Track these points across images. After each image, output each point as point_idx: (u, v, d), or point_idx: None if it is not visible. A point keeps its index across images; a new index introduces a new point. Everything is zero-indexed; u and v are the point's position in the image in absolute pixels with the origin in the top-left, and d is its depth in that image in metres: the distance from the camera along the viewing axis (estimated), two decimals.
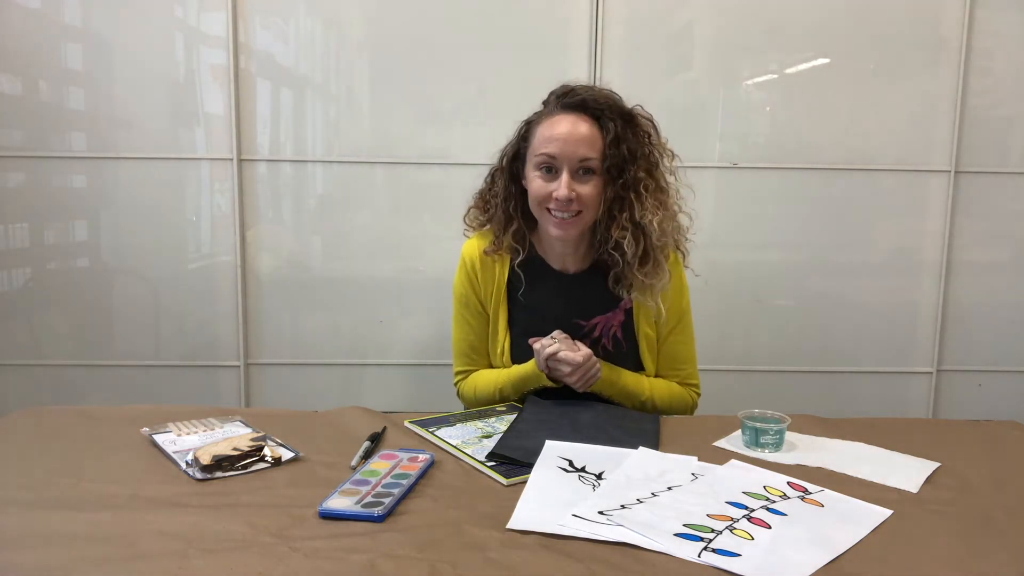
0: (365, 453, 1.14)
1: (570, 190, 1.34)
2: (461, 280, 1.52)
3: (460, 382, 1.56)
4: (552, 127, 1.37)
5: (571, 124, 1.35)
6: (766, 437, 1.18)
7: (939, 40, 2.18)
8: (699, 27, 2.20)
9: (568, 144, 1.34)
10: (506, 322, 1.49)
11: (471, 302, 1.51)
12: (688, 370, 1.52)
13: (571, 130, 1.34)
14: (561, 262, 1.48)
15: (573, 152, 1.34)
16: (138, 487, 1.01)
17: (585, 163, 1.35)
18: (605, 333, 1.46)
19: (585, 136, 1.34)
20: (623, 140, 1.35)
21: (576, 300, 1.46)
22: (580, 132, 1.34)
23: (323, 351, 2.27)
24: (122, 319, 2.24)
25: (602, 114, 1.36)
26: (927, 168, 2.22)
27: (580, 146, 1.34)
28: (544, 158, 1.36)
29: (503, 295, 1.49)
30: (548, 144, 1.35)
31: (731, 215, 2.25)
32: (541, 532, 0.89)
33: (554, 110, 1.39)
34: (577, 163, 1.34)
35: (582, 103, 1.37)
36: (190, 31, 2.14)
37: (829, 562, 0.84)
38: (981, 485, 1.07)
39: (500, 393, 1.46)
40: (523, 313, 1.49)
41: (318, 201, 2.22)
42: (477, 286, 1.51)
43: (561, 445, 1.16)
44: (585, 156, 1.34)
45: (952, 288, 2.28)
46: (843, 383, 2.32)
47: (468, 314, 1.52)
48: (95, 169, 2.16)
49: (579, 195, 1.35)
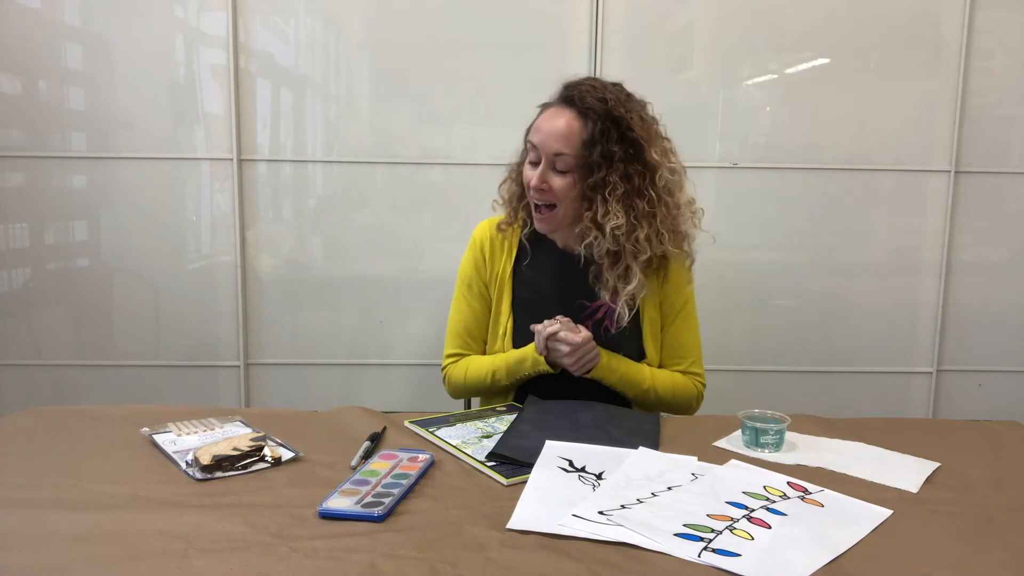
0: (365, 453, 1.14)
1: (540, 180, 1.37)
2: (468, 260, 1.55)
3: (450, 365, 1.55)
4: (543, 117, 1.41)
5: (554, 117, 1.38)
6: (766, 437, 1.18)
7: (939, 40, 2.18)
8: (699, 27, 2.20)
9: (547, 136, 1.37)
10: (509, 304, 1.50)
11: (475, 284, 1.53)
12: (691, 359, 1.52)
13: (551, 123, 1.38)
14: (564, 242, 1.51)
15: (549, 145, 1.37)
16: (138, 487, 1.01)
17: (559, 157, 1.37)
18: (609, 315, 1.46)
19: (561, 131, 1.36)
20: (599, 142, 1.35)
21: (580, 281, 1.47)
22: (558, 126, 1.36)
23: (323, 351, 2.27)
24: (122, 319, 2.24)
25: (587, 113, 1.36)
26: (927, 168, 2.22)
27: (556, 140, 1.36)
28: (529, 146, 1.41)
29: (508, 277, 1.51)
30: (534, 133, 1.40)
31: (731, 215, 2.25)
32: (541, 532, 0.89)
33: (554, 100, 1.43)
34: (552, 156, 1.37)
35: (569, 98, 1.39)
36: (190, 31, 2.14)
37: (829, 562, 0.84)
38: (981, 485, 1.07)
39: (493, 375, 1.46)
40: (527, 293, 1.50)
41: (318, 201, 2.22)
42: (483, 268, 1.52)
43: (561, 445, 1.16)
44: (559, 151, 1.36)
45: (952, 288, 2.28)
46: (843, 383, 2.32)
47: (470, 296, 1.53)
48: (95, 169, 2.16)
49: (551, 187, 1.38)
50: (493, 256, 1.52)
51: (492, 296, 1.53)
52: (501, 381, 1.46)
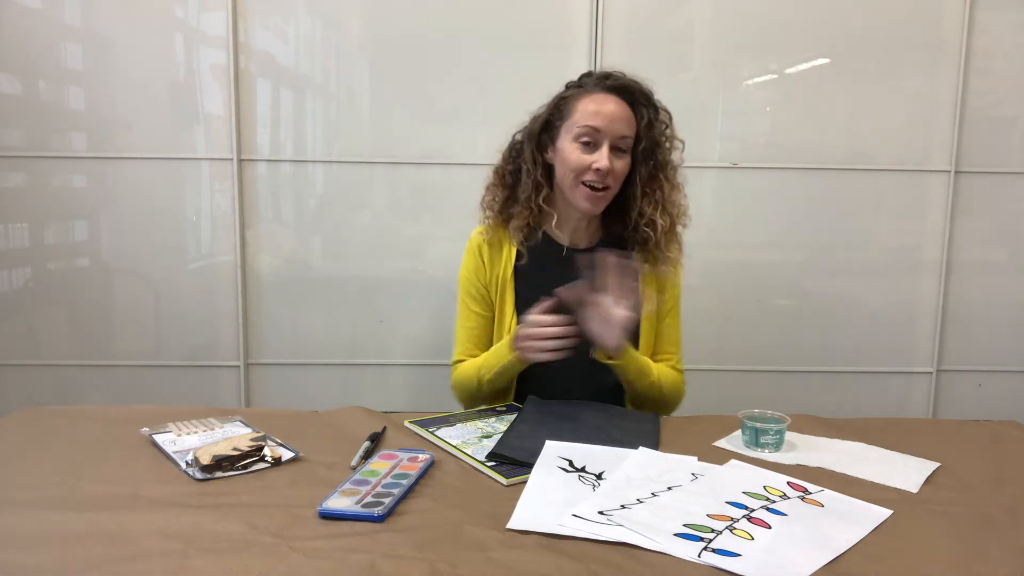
0: (365, 453, 1.14)
1: (610, 162, 1.41)
2: (467, 267, 1.56)
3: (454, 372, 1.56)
4: (597, 103, 1.43)
5: (614, 103, 1.43)
6: (766, 437, 1.18)
7: (939, 40, 2.18)
8: (699, 27, 2.20)
9: (613, 121, 1.42)
10: (513, 304, 1.51)
11: (476, 288, 1.54)
12: (678, 355, 1.56)
13: (615, 108, 1.43)
14: (571, 238, 1.53)
15: (616, 129, 1.42)
16: (138, 487, 1.01)
17: (623, 141, 1.43)
18: None
19: (626, 116, 1.44)
20: (654, 125, 1.46)
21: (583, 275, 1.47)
22: (622, 112, 1.43)
23: (323, 351, 2.27)
24: (122, 319, 2.24)
25: (636, 100, 1.45)
26: (927, 168, 2.22)
27: (622, 125, 1.42)
28: (587, 130, 1.42)
29: (510, 278, 1.51)
30: (593, 118, 1.42)
31: (731, 215, 2.25)
32: (541, 532, 0.89)
33: (595, 89, 1.46)
34: (618, 139, 1.42)
35: (624, 87, 1.45)
36: (190, 31, 2.14)
37: (829, 562, 0.84)
38: (981, 485, 1.07)
39: (479, 372, 1.46)
40: (530, 291, 1.49)
41: (318, 201, 2.22)
42: (483, 272, 1.53)
43: (561, 445, 1.16)
44: (624, 134, 1.43)
45: (952, 288, 2.28)
46: (843, 383, 2.32)
47: (472, 302, 1.54)
48: (95, 169, 2.16)
49: (614, 169, 1.42)
50: (492, 259, 1.53)
51: (494, 299, 1.53)
52: (485, 377, 1.45)
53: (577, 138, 1.43)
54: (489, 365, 1.45)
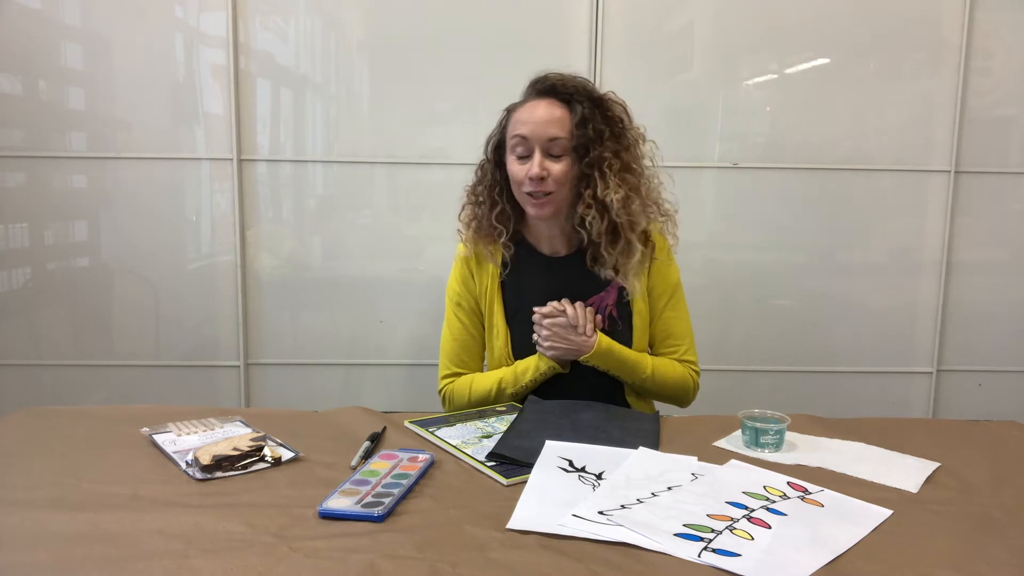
0: (365, 453, 1.14)
1: (541, 168, 1.39)
2: (455, 279, 1.55)
3: (448, 385, 1.53)
4: (527, 111, 1.43)
5: (541, 107, 1.42)
6: (766, 437, 1.18)
7: (939, 40, 2.18)
8: (699, 27, 2.20)
9: (538, 125, 1.40)
10: (503, 315, 1.51)
11: (465, 301, 1.53)
12: (685, 346, 1.53)
13: (543, 112, 1.41)
14: (550, 246, 1.52)
15: (543, 132, 1.39)
16: (138, 487, 1.01)
17: (554, 142, 1.40)
18: (600, 313, 1.47)
19: (554, 117, 1.40)
20: (590, 121, 1.40)
21: (567, 282, 1.48)
22: (550, 114, 1.41)
23: (323, 351, 2.27)
24: (122, 319, 2.24)
25: (571, 97, 1.42)
26: (927, 168, 2.22)
27: (549, 126, 1.40)
28: (517, 139, 1.42)
29: (497, 290, 1.51)
30: (521, 126, 1.42)
31: (731, 215, 2.25)
32: (541, 532, 0.89)
33: (529, 96, 1.47)
34: (546, 142, 1.40)
35: (552, 87, 1.43)
36: (190, 31, 2.14)
37: (829, 562, 0.84)
38: (981, 485, 1.07)
39: (499, 384, 1.46)
40: (516, 300, 1.50)
41: (318, 201, 2.22)
42: (472, 283, 1.53)
43: (561, 445, 1.16)
44: (554, 135, 1.39)
45: (952, 288, 2.28)
46: (843, 383, 2.32)
47: (462, 314, 1.53)
48: (95, 169, 2.16)
49: (550, 172, 1.40)
50: (480, 270, 1.52)
51: (484, 310, 1.53)
52: (507, 390, 1.45)
53: (513, 150, 1.43)
54: (517, 378, 1.45)
